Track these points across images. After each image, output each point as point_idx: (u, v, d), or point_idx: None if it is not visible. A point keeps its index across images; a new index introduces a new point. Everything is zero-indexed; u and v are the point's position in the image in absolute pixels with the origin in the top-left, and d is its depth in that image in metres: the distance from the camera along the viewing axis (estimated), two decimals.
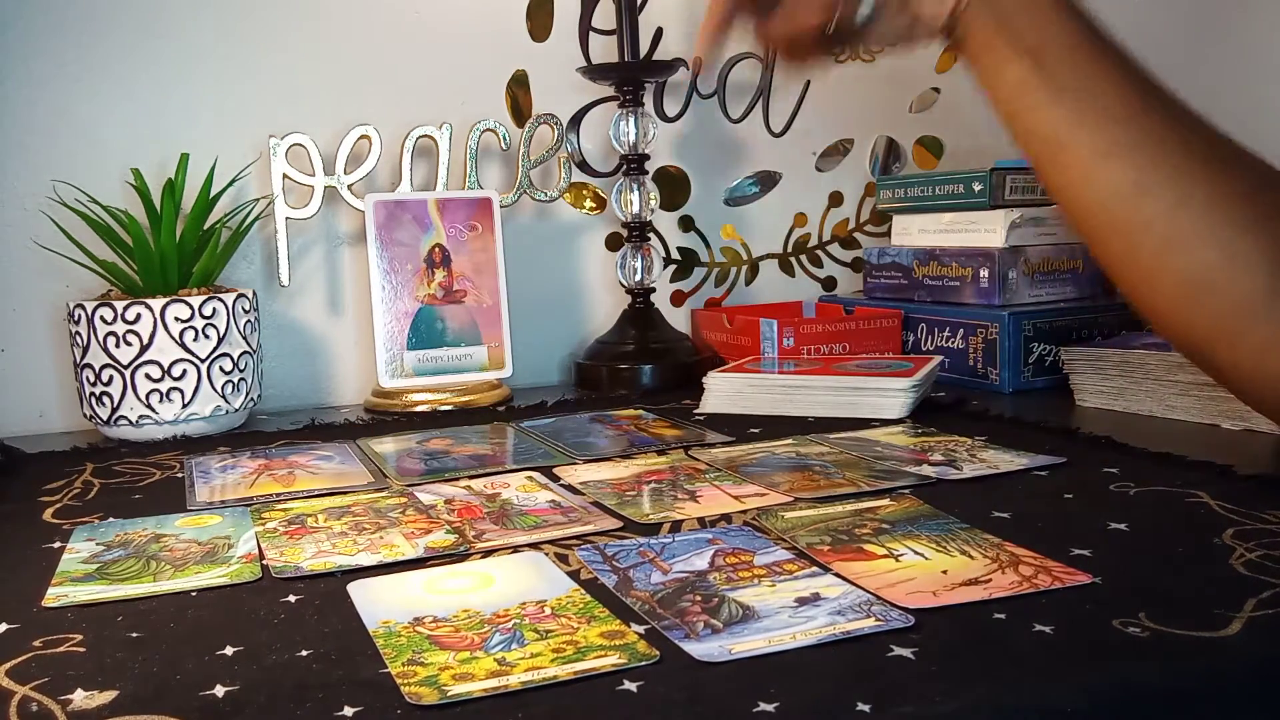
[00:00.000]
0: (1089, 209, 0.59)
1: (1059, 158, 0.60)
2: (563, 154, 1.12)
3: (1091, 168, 0.58)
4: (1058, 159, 0.60)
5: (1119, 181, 0.57)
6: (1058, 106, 0.59)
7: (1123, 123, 0.57)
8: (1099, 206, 0.59)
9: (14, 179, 1.00)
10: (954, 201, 1.08)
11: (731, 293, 1.26)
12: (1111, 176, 0.57)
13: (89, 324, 0.90)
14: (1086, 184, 0.59)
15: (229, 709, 0.41)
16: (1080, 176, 0.59)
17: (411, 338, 1.03)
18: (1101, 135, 0.58)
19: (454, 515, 0.66)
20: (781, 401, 0.93)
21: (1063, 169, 0.60)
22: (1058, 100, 0.59)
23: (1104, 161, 0.58)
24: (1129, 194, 0.57)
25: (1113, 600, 0.48)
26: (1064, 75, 0.58)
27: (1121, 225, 0.58)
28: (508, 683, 0.42)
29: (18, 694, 0.43)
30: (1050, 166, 0.60)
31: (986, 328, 1.01)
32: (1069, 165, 0.59)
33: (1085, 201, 0.59)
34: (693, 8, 1.20)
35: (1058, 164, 0.60)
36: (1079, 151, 0.58)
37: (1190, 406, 0.85)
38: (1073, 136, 0.58)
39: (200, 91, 1.04)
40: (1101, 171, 0.58)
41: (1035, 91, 0.59)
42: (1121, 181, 0.57)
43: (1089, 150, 0.58)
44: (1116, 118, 0.57)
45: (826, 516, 0.62)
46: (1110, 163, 0.57)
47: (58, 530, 0.66)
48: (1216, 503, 0.62)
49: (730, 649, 0.45)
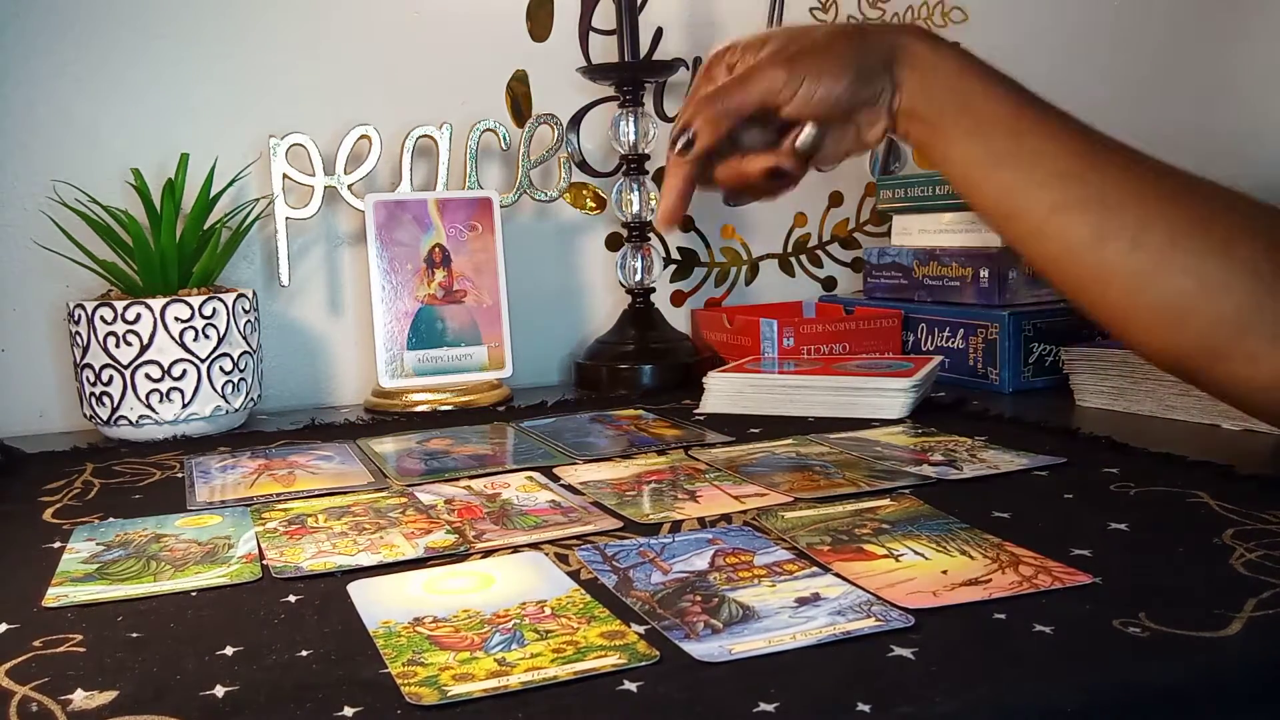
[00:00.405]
0: (1051, 260, 0.61)
1: (1013, 222, 0.62)
2: (563, 154, 1.12)
3: (1045, 226, 0.60)
4: (1012, 223, 0.62)
5: (1074, 234, 0.59)
6: (1002, 177, 0.61)
7: (1066, 180, 0.59)
8: (1061, 257, 0.61)
9: (14, 179, 1.00)
10: (954, 201, 1.08)
11: (731, 293, 1.26)
12: (1066, 230, 0.59)
13: (89, 324, 0.90)
14: (1045, 240, 0.61)
15: (229, 709, 0.41)
16: (1036, 235, 0.61)
17: (411, 338, 1.03)
18: (1050, 194, 0.60)
19: (454, 515, 0.66)
20: (781, 401, 0.93)
21: (1020, 230, 0.62)
22: (1003, 171, 0.61)
23: (1055, 218, 0.60)
24: (1087, 243, 0.59)
25: (1113, 600, 0.48)
26: (1001, 148, 0.61)
27: (1087, 271, 0.60)
28: (508, 683, 0.42)
29: (18, 694, 0.43)
30: (1008, 229, 0.63)
31: (986, 328, 1.01)
32: (1023, 227, 0.62)
33: (1046, 255, 0.61)
34: (693, 8, 1.20)
35: (1013, 227, 0.62)
36: (1030, 214, 0.61)
37: (1190, 406, 0.85)
38: (1021, 201, 0.61)
39: (200, 91, 1.04)
40: (1055, 228, 0.60)
41: (980, 167, 0.62)
42: (1076, 234, 0.59)
43: (1039, 211, 0.60)
44: (1060, 177, 0.59)
45: (826, 516, 0.62)
46: (1061, 218, 0.59)
47: (58, 530, 0.66)
48: (1216, 503, 0.62)
49: (730, 649, 0.45)
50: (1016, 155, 0.60)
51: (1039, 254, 0.62)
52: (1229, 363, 0.57)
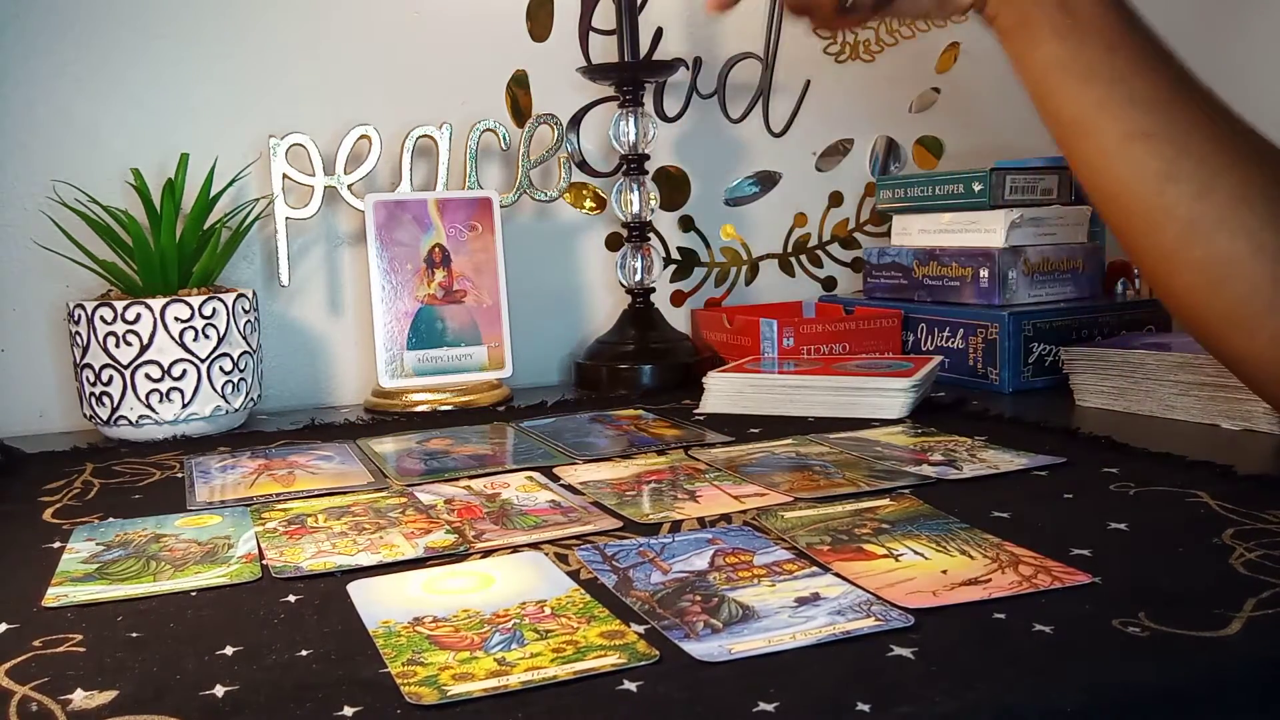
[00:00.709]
0: (1113, 191, 0.59)
1: (1085, 139, 0.59)
2: (563, 154, 1.12)
3: (1117, 151, 0.58)
4: (1084, 140, 0.59)
5: (1144, 166, 0.57)
6: (1087, 89, 0.58)
7: (1151, 109, 0.57)
8: (1123, 189, 0.58)
9: (14, 179, 1.00)
10: (954, 201, 1.08)
11: (731, 293, 1.26)
12: (1137, 161, 0.57)
13: (89, 324, 0.90)
14: (1111, 167, 0.58)
15: (229, 709, 0.41)
16: (1105, 159, 0.58)
17: (411, 338, 1.03)
18: (1129, 120, 0.57)
19: (454, 515, 0.66)
20: (781, 401, 0.93)
21: (1088, 150, 0.59)
22: (1087, 83, 0.58)
23: (1130, 145, 0.57)
24: (1154, 179, 0.57)
25: (1113, 600, 0.48)
26: (1094, 58, 0.58)
27: (1145, 209, 0.57)
28: (508, 683, 0.42)
29: (18, 694, 0.43)
30: (1076, 147, 0.60)
31: (986, 328, 1.01)
32: (1094, 147, 0.59)
33: (1109, 183, 0.59)
34: (693, 8, 1.20)
35: (1084, 145, 0.59)
36: (1105, 135, 0.58)
37: (1190, 406, 0.85)
38: (1100, 119, 0.58)
39: (200, 91, 1.04)
40: (1127, 155, 0.57)
41: (1064, 73, 0.59)
42: (1147, 166, 0.57)
43: (1115, 134, 0.57)
44: (1145, 104, 0.57)
45: (826, 516, 0.62)
46: (1136, 147, 0.57)
47: (58, 530, 0.66)
48: (1216, 503, 0.62)
49: (730, 649, 0.45)
50: (1106, 69, 0.57)
51: (1102, 181, 0.59)
52: (1254, 336, 0.56)
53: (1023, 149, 1.28)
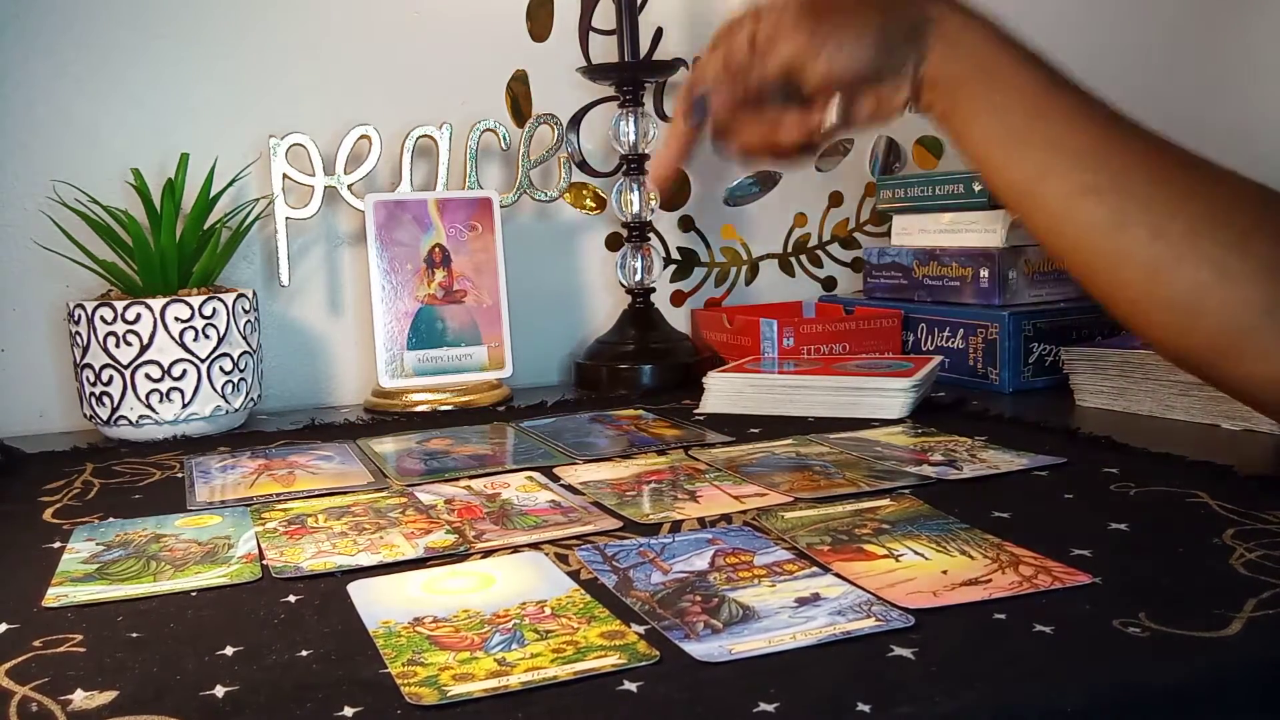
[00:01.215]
0: (1069, 247, 0.60)
1: (1032, 204, 0.61)
2: (563, 154, 1.12)
3: (1064, 210, 0.59)
4: (1031, 205, 0.61)
5: (1094, 219, 0.58)
6: (1024, 157, 0.60)
7: (1089, 165, 0.58)
8: (1078, 244, 0.59)
9: (14, 179, 1.00)
10: (954, 201, 1.08)
11: (731, 293, 1.26)
12: (1086, 216, 0.58)
13: (89, 324, 0.90)
14: (1062, 225, 0.60)
15: (229, 709, 0.41)
16: (1055, 219, 0.60)
17: (411, 338, 1.03)
18: (1070, 179, 0.58)
19: (454, 515, 0.66)
20: (781, 401, 0.93)
21: (1037, 214, 0.61)
22: (1024, 151, 0.60)
23: (1076, 203, 0.58)
24: (1106, 230, 0.58)
25: (1113, 600, 0.48)
26: (1026, 128, 0.59)
27: (1103, 259, 0.59)
28: (508, 683, 0.42)
29: (18, 694, 0.43)
30: (1026, 211, 0.62)
31: (986, 328, 1.01)
32: (1042, 210, 0.60)
33: (1064, 241, 0.60)
34: (693, 8, 1.20)
35: (1032, 209, 0.61)
36: (1050, 197, 0.59)
37: (1190, 406, 0.85)
38: (1042, 184, 0.59)
39: (200, 91, 1.04)
40: (1075, 212, 0.59)
41: (1000, 146, 0.60)
42: (1096, 219, 0.58)
43: (1060, 194, 0.59)
44: (1083, 161, 0.58)
45: (826, 516, 0.62)
46: (1082, 203, 0.58)
47: (58, 530, 0.66)
48: (1216, 503, 0.62)
49: (730, 649, 0.45)
50: (1039, 135, 0.59)
51: (1057, 239, 0.60)
52: (1241, 360, 0.56)
53: None
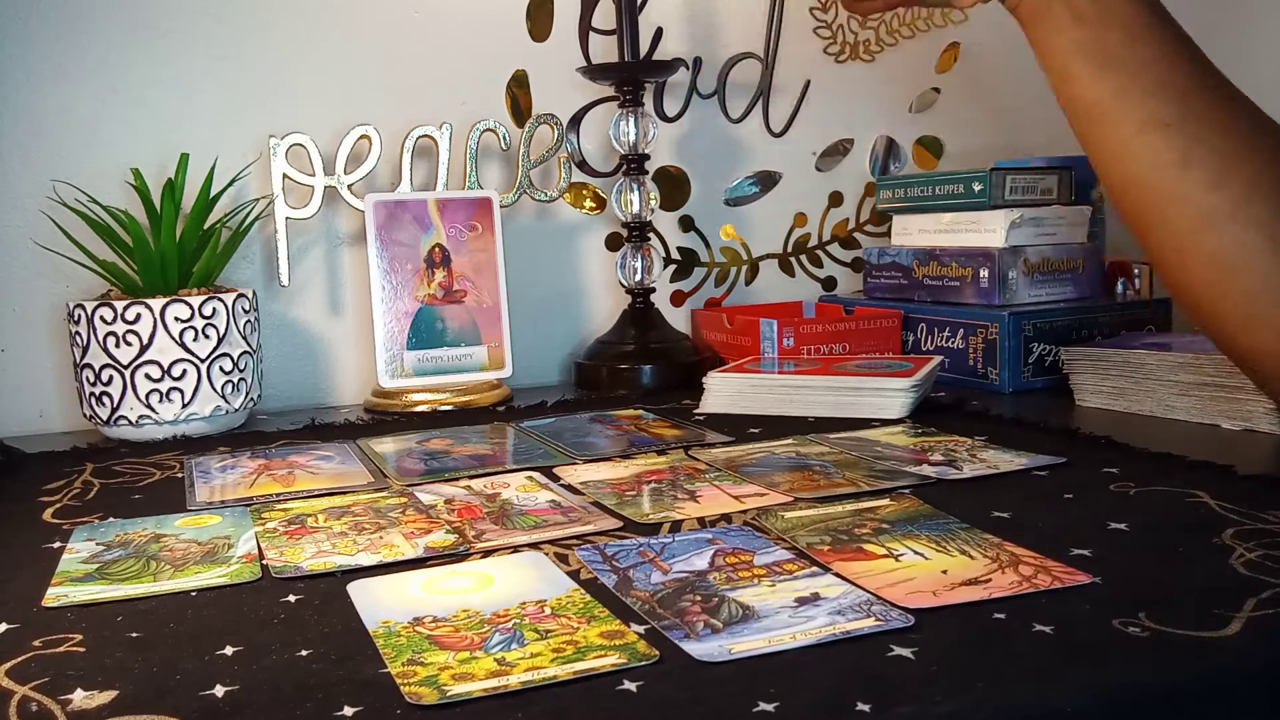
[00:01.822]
0: (1127, 179, 0.59)
1: (1102, 127, 0.59)
2: (563, 154, 1.12)
3: (1132, 139, 0.58)
4: (1101, 128, 0.59)
5: (1159, 156, 0.57)
6: (1106, 76, 0.58)
7: (1168, 99, 0.57)
8: (1137, 177, 0.58)
9: (14, 179, 1.00)
10: (954, 201, 1.08)
11: (731, 293, 1.26)
12: (1153, 150, 0.57)
13: (89, 324, 0.90)
14: (1126, 154, 0.58)
15: (229, 709, 0.41)
16: (1121, 147, 0.58)
17: (411, 338, 1.03)
18: (1146, 109, 0.57)
19: (454, 515, 0.66)
20: (781, 401, 0.93)
21: (1105, 138, 0.59)
22: (1106, 70, 0.58)
23: (1146, 135, 0.57)
24: (1169, 169, 0.56)
25: (1113, 600, 0.48)
26: (1114, 47, 0.58)
27: (1158, 198, 0.57)
28: (508, 683, 0.42)
29: (18, 694, 0.43)
30: (1093, 134, 0.60)
31: (986, 328, 1.01)
32: (1111, 135, 0.59)
33: (1124, 171, 0.59)
34: (693, 8, 1.20)
35: (1101, 133, 0.59)
36: (1122, 123, 0.58)
37: (1190, 406, 0.85)
38: (1118, 107, 0.58)
39: (200, 91, 1.04)
40: (1142, 144, 0.57)
41: (1084, 59, 0.59)
42: (1162, 156, 0.57)
43: (1132, 123, 0.57)
44: (1163, 93, 0.57)
45: (826, 516, 0.62)
46: (1152, 136, 0.57)
47: (58, 530, 0.66)
48: (1216, 503, 0.62)
49: (730, 649, 0.45)
50: (1126, 57, 0.57)
51: (1117, 169, 0.59)
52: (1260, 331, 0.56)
53: (1023, 149, 1.28)
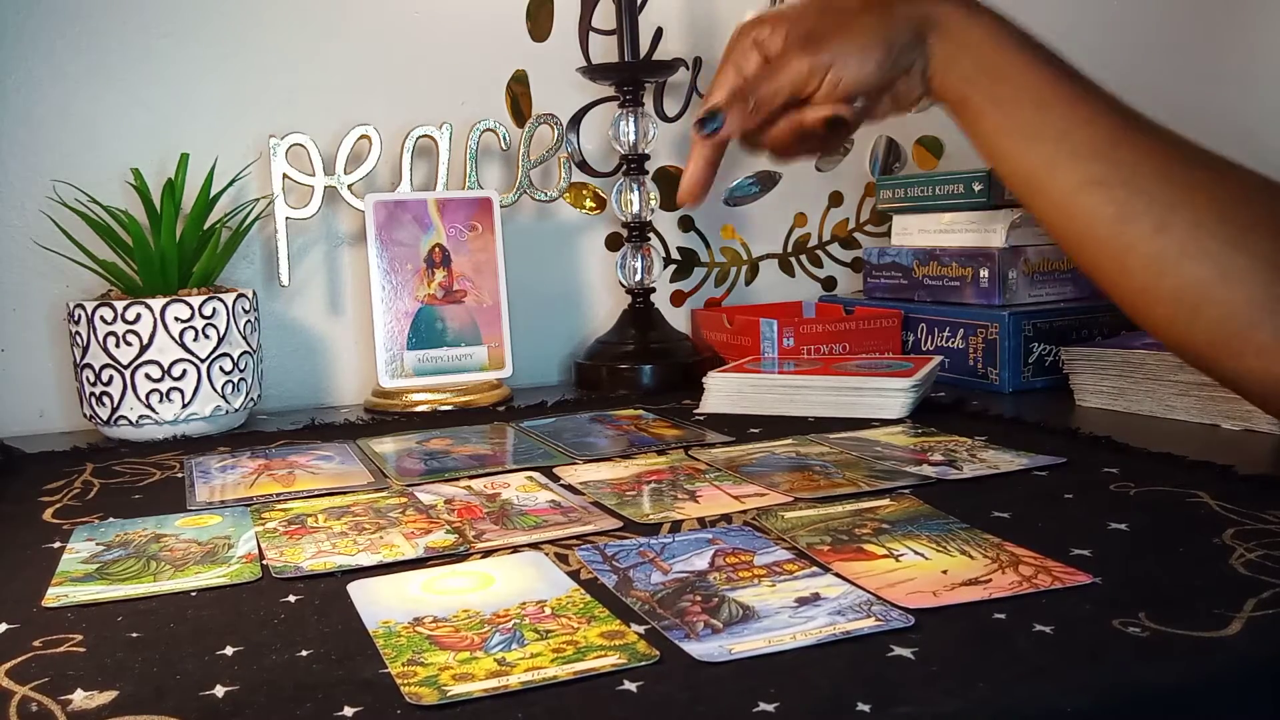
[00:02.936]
0: (1074, 238, 0.61)
1: (1039, 195, 0.62)
2: (563, 154, 1.12)
3: (1070, 202, 0.60)
4: (1039, 196, 0.62)
5: (1099, 212, 0.59)
6: (1031, 149, 0.61)
7: (1095, 157, 0.59)
8: (1083, 235, 0.61)
9: (14, 179, 1.00)
10: (954, 201, 1.08)
11: (731, 293, 1.26)
12: (1091, 208, 0.59)
13: (89, 324, 0.90)
14: (1068, 217, 0.61)
15: (229, 709, 0.41)
16: (1061, 211, 0.61)
17: (411, 338, 1.03)
18: (1076, 171, 0.59)
19: (454, 515, 0.66)
20: (781, 401, 0.93)
21: (1044, 204, 0.62)
22: (1031, 144, 0.61)
23: (1082, 195, 0.59)
24: (1110, 223, 0.59)
25: (1113, 600, 0.48)
26: (1034, 122, 0.61)
27: (1108, 251, 0.60)
28: (508, 683, 0.42)
29: (18, 694, 0.43)
30: (1033, 202, 0.63)
31: (986, 328, 1.01)
32: (1049, 201, 0.61)
33: (1070, 232, 0.61)
34: (693, 8, 1.20)
35: (1039, 200, 0.62)
36: (1056, 188, 0.60)
37: (1190, 406, 0.85)
38: (1049, 175, 0.61)
39: (200, 91, 1.04)
40: (1081, 205, 0.60)
41: (1008, 138, 0.62)
42: (1101, 212, 0.59)
43: (1066, 186, 0.60)
44: (1089, 154, 0.59)
45: (826, 516, 0.62)
46: (1088, 196, 0.59)
47: (58, 530, 0.66)
48: (1216, 503, 0.62)
49: (730, 649, 0.45)
50: (1045, 129, 0.60)
51: (1062, 230, 0.61)
52: (1241, 355, 0.57)
53: None
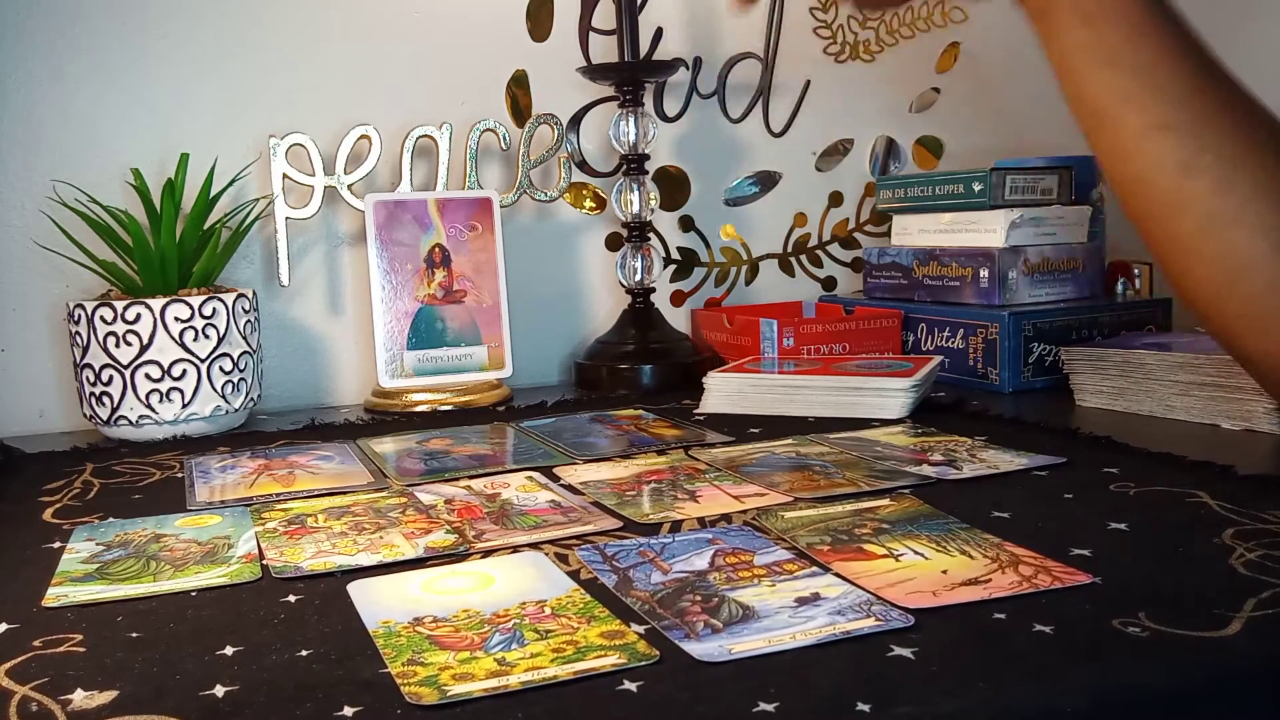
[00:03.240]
0: (1132, 180, 0.59)
1: (1108, 128, 0.59)
2: (563, 154, 1.12)
3: (1138, 141, 0.58)
4: (1107, 129, 0.59)
5: (1164, 158, 0.57)
6: (1111, 77, 0.58)
7: (1173, 101, 0.57)
8: (1143, 179, 0.58)
9: (14, 179, 1.00)
10: (954, 201, 1.08)
11: (731, 293, 1.26)
12: (1158, 152, 0.57)
13: (89, 324, 0.90)
14: (1132, 157, 0.58)
15: (229, 709, 0.41)
16: (1127, 149, 0.58)
17: (411, 338, 1.03)
18: (1151, 111, 0.57)
19: (454, 515, 0.66)
20: (781, 401, 0.93)
21: (1111, 139, 0.59)
22: (1111, 71, 0.58)
23: (1151, 137, 0.57)
24: (1173, 171, 0.57)
25: (1113, 600, 0.48)
26: (1119, 48, 0.58)
27: (1163, 200, 0.57)
28: (508, 683, 0.42)
29: (18, 694, 0.43)
30: (1099, 135, 0.60)
31: (986, 328, 1.01)
32: (1117, 137, 0.59)
33: (1129, 172, 0.59)
34: (693, 8, 1.20)
35: (1106, 134, 0.59)
36: (1127, 125, 0.58)
37: (1190, 406, 0.85)
38: (1123, 109, 0.58)
39: (200, 91, 1.04)
40: (1148, 147, 0.57)
41: (1090, 59, 0.59)
42: (1167, 158, 0.57)
43: (1138, 124, 0.57)
44: (1168, 95, 0.57)
45: (826, 516, 0.62)
46: (1157, 138, 0.57)
47: (58, 530, 0.66)
48: (1216, 503, 0.62)
49: (730, 649, 0.45)
50: (1131, 58, 0.57)
51: (1121, 169, 0.59)
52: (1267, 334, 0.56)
53: (1023, 149, 1.28)
